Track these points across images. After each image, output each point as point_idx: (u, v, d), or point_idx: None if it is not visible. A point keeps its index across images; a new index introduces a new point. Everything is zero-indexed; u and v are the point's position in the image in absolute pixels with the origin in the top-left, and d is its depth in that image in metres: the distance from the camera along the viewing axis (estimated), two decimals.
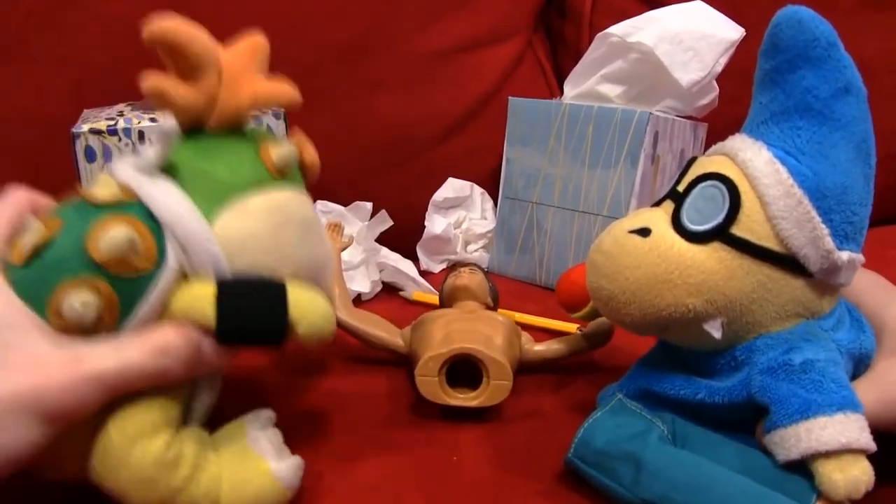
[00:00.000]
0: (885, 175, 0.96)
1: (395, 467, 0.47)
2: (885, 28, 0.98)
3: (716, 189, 0.42)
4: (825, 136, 0.41)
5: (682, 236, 0.42)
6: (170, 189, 0.40)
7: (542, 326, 0.69)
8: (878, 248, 0.82)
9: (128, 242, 0.37)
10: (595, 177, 0.76)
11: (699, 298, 0.41)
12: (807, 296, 0.42)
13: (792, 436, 0.38)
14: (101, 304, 0.37)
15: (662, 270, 0.41)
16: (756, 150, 0.41)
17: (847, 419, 0.38)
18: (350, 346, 0.62)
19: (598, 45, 0.81)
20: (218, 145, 0.42)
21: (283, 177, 0.43)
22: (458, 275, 0.64)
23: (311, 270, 0.44)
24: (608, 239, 0.45)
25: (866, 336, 0.44)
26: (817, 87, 0.40)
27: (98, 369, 0.36)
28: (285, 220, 0.42)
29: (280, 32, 0.81)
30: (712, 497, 0.38)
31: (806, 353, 0.40)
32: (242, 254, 0.40)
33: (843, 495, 0.37)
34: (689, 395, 0.44)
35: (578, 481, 0.44)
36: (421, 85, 0.88)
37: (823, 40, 0.40)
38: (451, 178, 0.87)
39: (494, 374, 0.50)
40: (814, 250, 0.40)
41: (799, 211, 0.40)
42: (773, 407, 0.39)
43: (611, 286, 0.44)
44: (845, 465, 0.37)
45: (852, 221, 0.41)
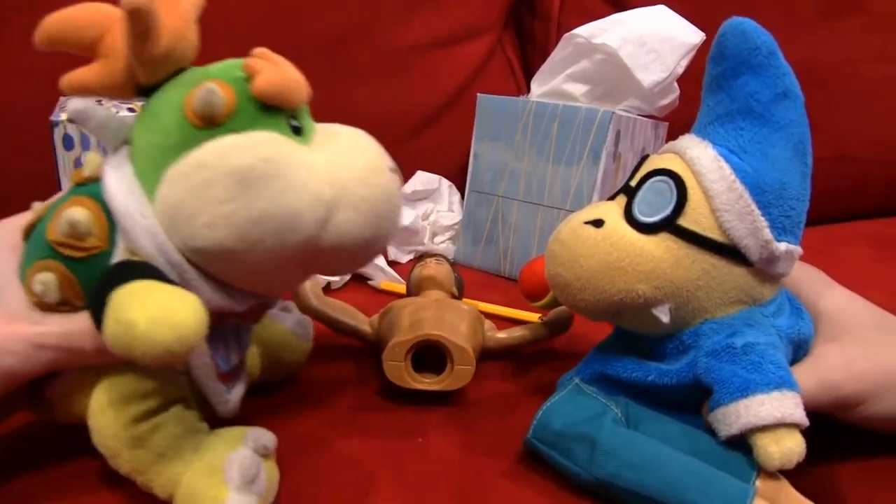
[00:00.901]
0: (834, 176, 1.01)
1: (363, 449, 0.48)
2: (841, 36, 1.01)
3: (664, 184, 0.45)
4: (765, 136, 0.43)
5: (633, 227, 0.45)
6: (118, 166, 0.39)
7: (506, 315, 0.71)
8: (827, 246, 0.86)
9: (67, 225, 0.37)
10: (559, 172, 0.79)
11: (648, 285, 0.44)
12: (748, 283, 0.44)
13: (732, 412, 0.41)
14: (58, 284, 0.38)
15: (614, 258, 0.44)
16: (702, 149, 0.44)
17: (783, 396, 0.40)
18: (320, 333, 0.63)
19: (564, 45, 0.84)
20: (159, 106, 0.39)
21: (213, 124, 0.37)
22: (424, 265, 0.66)
23: (263, 224, 0.37)
24: (565, 229, 0.48)
25: (804, 322, 0.47)
26: (759, 92, 0.43)
27: (41, 331, 0.38)
28: (207, 178, 0.36)
29: (263, 22, 0.82)
30: (661, 475, 0.40)
31: (748, 336, 0.43)
32: (176, 227, 0.37)
33: (777, 465, 0.40)
34: (641, 378, 0.46)
35: (537, 461, 0.46)
36: (397, 79, 0.90)
37: (764, 49, 0.43)
38: (420, 171, 0.89)
39: (458, 360, 0.52)
40: (754, 241, 0.43)
41: (740, 204, 0.42)
42: (716, 387, 0.42)
43: (567, 273, 0.46)
44: (780, 438, 0.40)
45: (790, 215, 0.44)
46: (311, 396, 0.55)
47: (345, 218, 0.40)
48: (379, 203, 0.41)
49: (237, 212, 0.36)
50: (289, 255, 0.39)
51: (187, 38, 0.39)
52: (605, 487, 0.42)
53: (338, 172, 0.40)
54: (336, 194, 0.39)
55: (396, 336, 0.53)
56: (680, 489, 0.40)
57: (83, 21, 0.38)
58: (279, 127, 0.39)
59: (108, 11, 0.39)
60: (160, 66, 0.38)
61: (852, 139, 1.02)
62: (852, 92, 1.02)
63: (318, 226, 0.39)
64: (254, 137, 0.38)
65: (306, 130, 0.41)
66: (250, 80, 0.39)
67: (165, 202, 0.37)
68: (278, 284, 0.44)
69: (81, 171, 0.41)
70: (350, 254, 0.42)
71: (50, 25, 0.38)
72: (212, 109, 0.37)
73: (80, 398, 0.41)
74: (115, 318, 0.33)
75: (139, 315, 0.32)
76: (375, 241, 0.42)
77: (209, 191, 0.36)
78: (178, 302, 0.34)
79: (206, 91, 0.37)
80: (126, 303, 0.33)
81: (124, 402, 0.39)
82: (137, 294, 0.34)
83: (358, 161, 0.41)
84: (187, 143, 0.37)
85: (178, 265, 0.38)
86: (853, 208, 1.07)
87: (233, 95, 0.38)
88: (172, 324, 0.33)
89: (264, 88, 0.38)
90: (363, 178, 0.41)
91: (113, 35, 0.38)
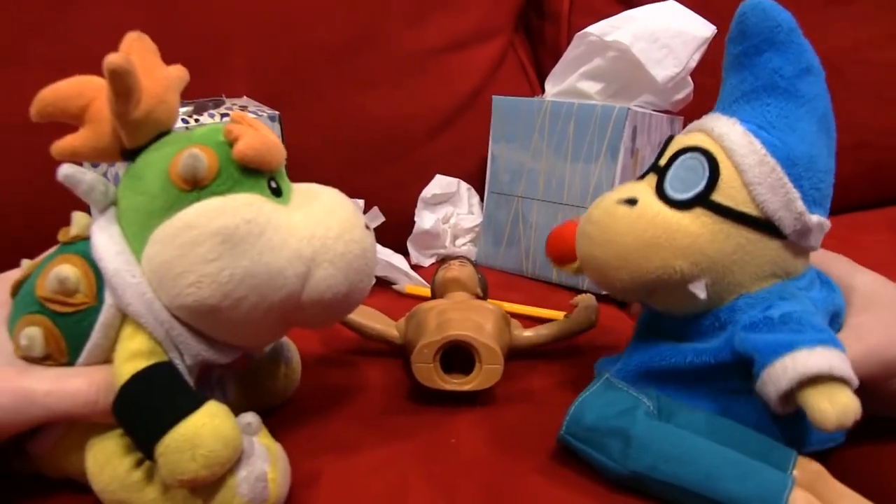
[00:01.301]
0: (853, 164, 1.01)
1: (396, 451, 0.48)
2: (850, 21, 1.01)
3: (696, 160, 0.45)
4: (792, 111, 0.44)
5: (667, 204, 0.45)
6: (106, 227, 0.41)
7: (530, 314, 0.71)
8: (849, 234, 0.85)
9: (57, 282, 0.39)
10: (577, 170, 0.79)
11: (685, 260, 0.44)
12: (782, 257, 0.44)
13: (779, 368, 0.39)
14: (44, 339, 0.40)
15: (651, 235, 0.44)
16: (730, 125, 0.44)
17: (829, 351, 0.39)
18: (347, 339, 0.64)
19: (576, 44, 0.84)
20: (144, 168, 0.41)
21: (196, 187, 0.39)
22: (448, 267, 0.66)
23: (247, 282, 0.39)
24: (598, 210, 0.48)
25: (836, 294, 0.47)
26: (782, 68, 0.43)
27: (29, 386, 0.39)
28: (193, 239, 0.38)
29: (271, 33, 0.83)
30: (698, 467, 0.40)
31: (784, 307, 0.42)
32: (163, 285, 0.39)
33: (834, 423, 0.37)
34: (679, 362, 0.46)
35: (571, 457, 0.46)
36: (408, 84, 0.90)
37: (785, 26, 0.43)
38: (438, 175, 0.90)
39: (486, 359, 0.52)
40: (787, 213, 0.43)
41: (773, 177, 0.42)
42: (758, 353, 0.41)
43: (603, 254, 0.46)
44: (833, 393, 0.38)
45: (819, 188, 0.44)
46: (341, 401, 0.55)
47: (324, 274, 0.42)
48: (355, 258, 0.43)
49: (222, 270, 0.39)
50: (271, 310, 0.41)
51: (167, 102, 0.41)
52: (641, 481, 0.42)
53: (316, 231, 0.42)
54: (315, 251, 0.42)
55: (424, 338, 0.53)
56: (717, 480, 0.40)
57: (71, 92, 0.40)
58: (259, 188, 0.42)
59: (95, 82, 0.41)
60: (142, 128, 0.41)
61: (868, 126, 1.02)
62: (863, 78, 1.01)
63: (299, 282, 0.41)
64: (236, 199, 0.40)
65: (285, 191, 0.44)
66: (231, 145, 0.41)
67: (153, 262, 0.39)
68: (261, 338, 0.46)
69: (68, 231, 0.43)
70: (329, 307, 0.44)
71: (42, 99, 0.40)
72: (196, 173, 0.39)
73: (73, 454, 0.41)
74: (210, 445, 0.37)
75: (228, 433, 0.38)
76: (352, 295, 0.45)
77: (195, 250, 0.38)
78: (223, 447, 0.38)
79: (189, 156, 0.39)
80: (213, 430, 0.37)
81: (120, 454, 0.40)
82: (211, 419, 0.38)
83: (334, 219, 0.43)
84: (173, 206, 0.39)
85: (166, 322, 0.40)
86: (872, 195, 1.07)
87: (215, 159, 0.40)
88: (221, 464, 0.37)
89: (245, 152, 0.40)
90: (339, 235, 0.43)
91: (99, 102, 0.40)
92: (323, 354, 0.64)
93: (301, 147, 0.79)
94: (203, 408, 0.38)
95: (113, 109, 0.39)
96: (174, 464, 0.36)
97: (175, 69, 0.44)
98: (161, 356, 0.40)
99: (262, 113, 0.69)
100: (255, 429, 0.42)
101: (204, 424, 0.37)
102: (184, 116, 0.64)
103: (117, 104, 0.39)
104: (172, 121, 0.43)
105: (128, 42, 0.42)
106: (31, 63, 0.74)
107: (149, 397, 0.38)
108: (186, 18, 0.80)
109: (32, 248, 0.45)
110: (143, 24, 0.44)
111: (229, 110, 0.67)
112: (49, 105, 0.40)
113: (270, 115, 0.70)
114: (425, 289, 0.76)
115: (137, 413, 0.38)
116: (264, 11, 0.83)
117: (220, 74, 0.81)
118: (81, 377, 0.40)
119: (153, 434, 0.37)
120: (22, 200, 0.74)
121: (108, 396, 0.39)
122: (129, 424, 0.38)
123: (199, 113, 0.65)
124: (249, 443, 0.40)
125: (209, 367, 0.43)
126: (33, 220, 0.45)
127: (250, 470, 0.39)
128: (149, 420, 0.37)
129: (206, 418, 0.37)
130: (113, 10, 0.76)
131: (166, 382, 0.39)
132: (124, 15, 0.76)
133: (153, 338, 0.40)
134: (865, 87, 1.01)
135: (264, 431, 0.43)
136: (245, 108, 0.70)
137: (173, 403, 0.38)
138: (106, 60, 0.37)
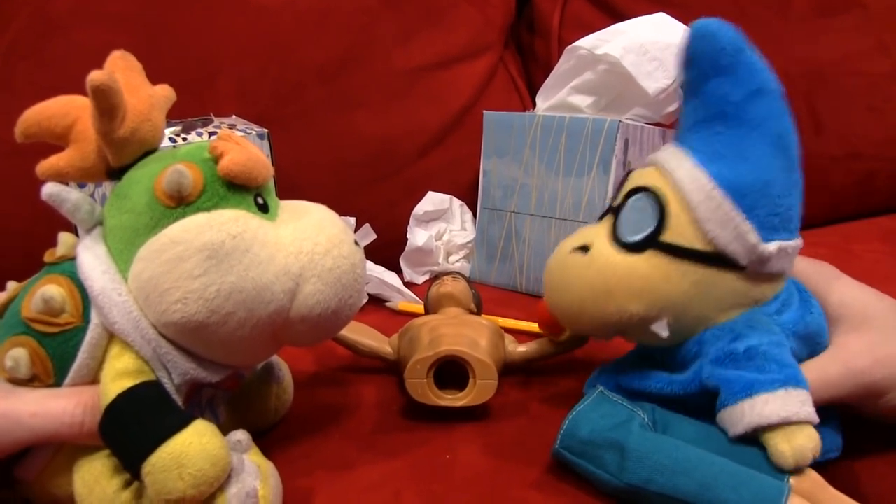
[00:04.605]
0: (844, 174, 1.01)
1: (391, 468, 0.48)
2: (839, 32, 1.01)
3: (644, 201, 0.45)
4: (742, 137, 0.43)
5: (620, 248, 0.45)
6: (91, 246, 0.41)
7: (525, 329, 0.70)
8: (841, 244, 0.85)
9: (42, 302, 0.39)
10: (570, 184, 0.79)
11: (640, 304, 0.44)
12: (744, 287, 0.44)
13: (738, 412, 0.41)
14: (30, 360, 0.39)
15: (601, 282, 0.45)
16: (680, 159, 0.44)
17: (787, 395, 0.40)
18: (340, 357, 0.64)
19: (567, 58, 0.84)
20: (129, 186, 0.41)
21: (182, 203, 0.39)
22: (441, 283, 0.66)
23: (234, 297, 0.39)
24: (554, 260, 0.49)
25: (812, 315, 0.46)
26: (730, 94, 0.42)
27: (14, 408, 0.39)
28: (178, 255, 0.38)
29: (261, 54, 0.83)
30: (694, 477, 0.40)
31: (750, 340, 0.42)
32: (149, 303, 0.39)
33: (791, 463, 0.39)
34: (647, 387, 0.47)
35: (566, 471, 0.46)
36: (399, 101, 0.90)
37: (730, 48, 0.42)
38: (430, 192, 0.90)
39: (480, 374, 0.52)
40: (740, 246, 0.42)
41: (721, 212, 0.42)
42: (721, 389, 0.42)
43: (561, 302, 0.48)
44: (790, 435, 0.40)
45: (777, 213, 0.43)
46: (334, 419, 0.55)
47: (312, 289, 0.42)
48: (343, 274, 0.43)
49: (209, 286, 0.39)
50: (259, 327, 0.41)
51: (152, 121, 0.42)
52: (637, 493, 0.42)
53: (304, 246, 0.42)
54: (303, 267, 0.42)
55: (417, 354, 0.52)
56: (714, 490, 0.39)
57: (56, 111, 0.41)
58: (246, 204, 0.41)
59: (79, 101, 0.41)
60: (127, 146, 0.41)
61: (858, 136, 1.02)
62: (854, 89, 1.01)
63: (287, 297, 0.41)
64: (222, 215, 0.40)
65: (272, 207, 0.44)
66: (216, 161, 0.41)
67: (139, 279, 0.39)
68: (250, 356, 0.46)
69: (54, 251, 0.43)
70: (317, 324, 0.43)
71: (26, 119, 0.41)
72: (180, 189, 0.39)
73: (61, 477, 0.41)
74: (199, 464, 0.37)
75: (216, 452, 0.38)
76: (341, 312, 0.44)
77: (181, 266, 0.38)
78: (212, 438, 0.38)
79: (175, 172, 0.39)
80: (201, 449, 0.37)
81: (108, 475, 0.39)
82: (199, 437, 0.37)
83: (322, 234, 0.43)
84: (158, 222, 0.39)
85: (153, 340, 0.40)
86: (863, 206, 1.07)
87: (200, 176, 0.40)
88: (209, 483, 0.37)
89: (230, 168, 0.40)
90: (328, 250, 0.43)
91: (84, 121, 0.41)
92: (316, 372, 0.64)
93: (292, 167, 0.80)
94: (190, 426, 0.38)
95: (97, 128, 0.39)
96: (161, 483, 0.36)
97: (161, 88, 0.44)
98: (149, 375, 0.39)
99: (251, 131, 0.69)
100: (246, 446, 0.42)
101: (191, 443, 0.37)
102: (171, 135, 0.64)
103: (102, 122, 0.39)
104: (158, 139, 0.43)
105: (112, 61, 0.42)
106: (18, 88, 0.74)
107: (135, 416, 0.38)
108: (175, 40, 0.80)
109: (19, 272, 0.45)
110: (132, 46, 0.45)
111: (217, 129, 0.67)
112: (34, 125, 0.41)
113: (259, 132, 0.70)
114: (419, 306, 0.76)
115: (124, 432, 0.38)
116: (253, 32, 0.83)
117: (210, 95, 0.81)
118: (67, 398, 0.39)
119: (140, 453, 0.37)
120: (9, 225, 0.74)
121: (95, 417, 0.38)
122: (116, 444, 0.38)
123: (187, 132, 0.65)
124: (239, 460, 0.40)
125: (198, 387, 0.43)
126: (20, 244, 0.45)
127: (240, 487, 0.39)
128: (135, 439, 0.37)
129: (193, 437, 0.37)
130: (100, 34, 0.77)
131: (153, 401, 0.39)
132: (112, 38, 0.75)
133: (140, 357, 0.39)
134: (856, 98, 1.01)
135: (255, 449, 0.42)
136: (234, 127, 0.70)
137: (160, 422, 0.38)
138: (89, 78, 0.37)
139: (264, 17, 0.83)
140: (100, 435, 0.38)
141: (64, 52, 0.76)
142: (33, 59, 0.75)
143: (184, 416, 0.38)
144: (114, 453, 0.38)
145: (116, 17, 0.78)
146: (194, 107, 0.77)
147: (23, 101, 0.42)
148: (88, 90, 0.37)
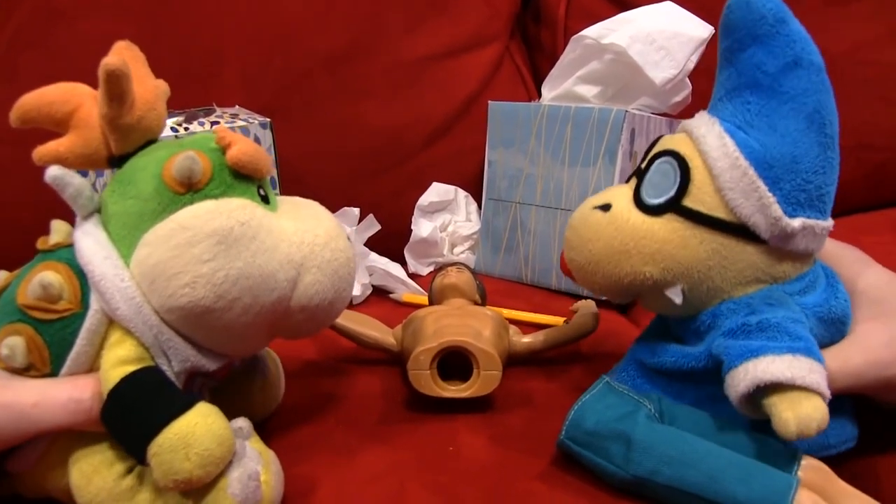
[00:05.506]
0: (854, 165, 1.00)
1: (396, 459, 0.48)
2: (852, 21, 1.00)
3: (668, 164, 0.44)
4: (774, 108, 0.42)
5: (640, 210, 0.45)
6: (90, 232, 0.40)
7: (530, 321, 0.70)
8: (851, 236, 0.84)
9: (40, 288, 0.39)
10: (575, 175, 0.78)
11: (655, 266, 0.44)
12: (764, 262, 0.43)
13: (740, 372, 0.39)
14: (26, 349, 0.39)
15: (619, 242, 0.44)
16: (709, 126, 0.44)
17: (795, 359, 0.38)
18: (344, 348, 0.64)
19: (573, 47, 0.83)
20: (134, 173, 0.41)
21: (190, 190, 0.40)
22: (445, 274, 0.65)
23: (241, 283, 0.39)
24: (576, 215, 0.49)
25: (838, 300, 0.45)
26: (765, 63, 0.42)
27: (15, 399, 0.38)
28: (188, 240, 0.38)
29: (266, 43, 0.83)
30: (701, 469, 0.40)
31: (765, 314, 0.41)
32: (155, 287, 0.39)
33: (794, 432, 0.37)
34: (664, 361, 0.46)
35: (571, 462, 0.45)
36: (404, 92, 0.90)
37: (770, 17, 0.41)
38: (435, 183, 0.89)
39: (484, 365, 0.51)
40: (762, 218, 0.42)
41: (745, 181, 0.42)
42: (726, 356, 0.41)
43: (578, 257, 0.47)
44: (795, 402, 0.37)
45: (805, 189, 0.42)
46: (338, 410, 0.55)
47: (312, 279, 0.43)
48: (341, 266, 0.44)
49: (217, 271, 0.39)
50: (262, 314, 0.41)
51: (157, 110, 0.42)
52: (643, 485, 0.41)
53: (305, 237, 0.43)
54: (304, 257, 0.43)
55: (420, 345, 0.52)
56: (721, 482, 0.39)
57: (56, 98, 0.41)
58: (250, 194, 0.42)
59: (80, 89, 0.42)
60: (132, 133, 0.41)
61: (869, 127, 1.01)
62: (864, 79, 1.00)
63: (289, 286, 0.42)
64: (230, 203, 0.40)
65: (271, 200, 0.45)
66: (224, 151, 0.41)
67: (144, 264, 0.39)
68: (247, 345, 0.46)
69: (47, 239, 0.42)
70: (315, 314, 0.44)
71: (24, 104, 0.40)
72: (191, 175, 0.39)
73: (55, 470, 0.41)
74: (205, 445, 0.37)
75: (220, 432, 0.38)
76: (336, 303, 0.45)
77: (190, 251, 0.38)
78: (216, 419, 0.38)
79: (186, 158, 0.39)
80: (206, 429, 0.37)
81: (108, 464, 0.40)
82: (203, 419, 0.38)
83: (321, 227, 0.44)
84: (166, 208, 0.39)
85: (155, 326, 0.40)
86: (873, 197, 1.06)
87: (209, 163, 0.40)
88: (216, 463, 0.38)
89: (239, 157, 0.41)
90: (327, 242, 0.44)
91: (85, 108, 0.41)
92: (320, 363, 0.63)
93: (297, 156, 0.79)
94: (195, 408, 0.38)
95: (105, 113, 0.39)
96: (168, 464, 0.36)
97: (159, 82, 0.44)
98: (149, 362, 0.39)
99: (254, 121, 0.69)
100: (247, 433, 0.42)
101: (197, 423, 0.37)
102: (174, 125, 0.64)
103: (111, 107, 0.39)
104: (160, 129, 0.43)
105: (117, 50, 0.42)
106: (23, 78, 0.74)
107: (140, 398, 0.38)
108: (179, 30, 0.79)
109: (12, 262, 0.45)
110: (135, 35, 0.44)
111: (220, 118, 0.67)
112: (32, 110, 0.40)
113: (262, 122, 0.70)
114: (423, 297, 0.76)
115: (128, 415, 0.38)
116: (258, 21, 0.83)
117: (215, 85, 0.81)
118: (68, 385, 0.39)
119: (146, 434, 0.37)
120: (10, 216, 0.74)
121: (99, 404, 0.38)
122: (120, 427, 0.38)
123: (189, 122, 0.64)
124: (241, 445, 0.40)
125: (194, 375, 0.43)
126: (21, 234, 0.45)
127: (242, 470, 0.39)
128: (140, 421, 0.37)
129: (199, 417, 0.37)
130: (104, 24, 0.76)
131: (156, 384, 0.39)
132: (116, 28, 0.75)
133: (141, 344, 0.39)
134: (866, 88, 1.00)
135: (255, 437, 0.42)
136: (236, 117, 0.70)
137: (165, 403, 0.38)
138: (103, 63, 0.37)
139: (269, 7, 0.83)
140: (102, 421, 0.38)
141: (68, 41, 0.75)
142: (37, 49, 0.75)
143: (187, 399, 0.39)
144: (117, 438, 0.38)
145: (120, 7, 0.77)
146: (199, 96, 0.76)
147: (26, 90, 0.41)
148: (101, 75, 0.38)
